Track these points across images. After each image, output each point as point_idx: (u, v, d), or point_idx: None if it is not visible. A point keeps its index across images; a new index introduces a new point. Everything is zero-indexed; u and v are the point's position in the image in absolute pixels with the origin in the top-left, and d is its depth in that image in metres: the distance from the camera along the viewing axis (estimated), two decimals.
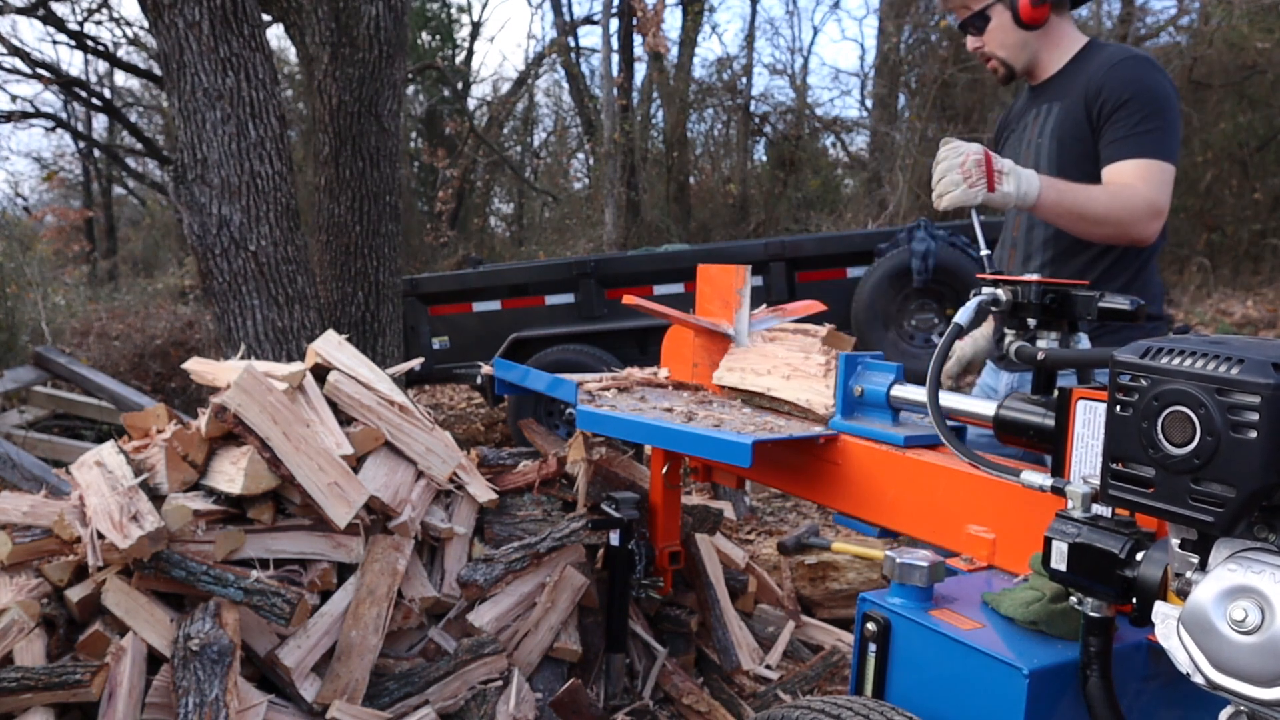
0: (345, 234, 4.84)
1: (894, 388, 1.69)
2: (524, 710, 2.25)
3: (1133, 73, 2.00)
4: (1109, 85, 2.01)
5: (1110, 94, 2.00)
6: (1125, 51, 2.07)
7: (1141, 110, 1.97)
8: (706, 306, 2.32)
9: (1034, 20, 2.12)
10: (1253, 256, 11.59)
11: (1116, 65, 2.03)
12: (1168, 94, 2.01)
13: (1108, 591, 1.07)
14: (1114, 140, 2.00)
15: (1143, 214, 1.95)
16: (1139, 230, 1.96)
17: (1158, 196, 1.95)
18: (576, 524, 2.52)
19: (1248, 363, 0.90)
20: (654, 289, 5.77)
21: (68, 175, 17.95)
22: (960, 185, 1.85)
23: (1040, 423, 1.38)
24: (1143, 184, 1.96)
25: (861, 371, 1.75)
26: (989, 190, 1.84)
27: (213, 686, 1.96)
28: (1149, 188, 1.95)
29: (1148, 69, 2.02)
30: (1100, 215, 1.93)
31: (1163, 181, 1.97)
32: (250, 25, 3.87)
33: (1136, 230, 1.96)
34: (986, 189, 1.84)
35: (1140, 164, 1.97)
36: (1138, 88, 1.99)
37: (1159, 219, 1.97)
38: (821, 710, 1.19)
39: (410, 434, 2.55)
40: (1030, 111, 2.21)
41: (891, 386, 1.70)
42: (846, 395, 1.75)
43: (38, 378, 6.22)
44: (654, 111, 14.39)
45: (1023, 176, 1.89)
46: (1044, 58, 2.19)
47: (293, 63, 12.98)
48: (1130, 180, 1.97)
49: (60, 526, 2.27)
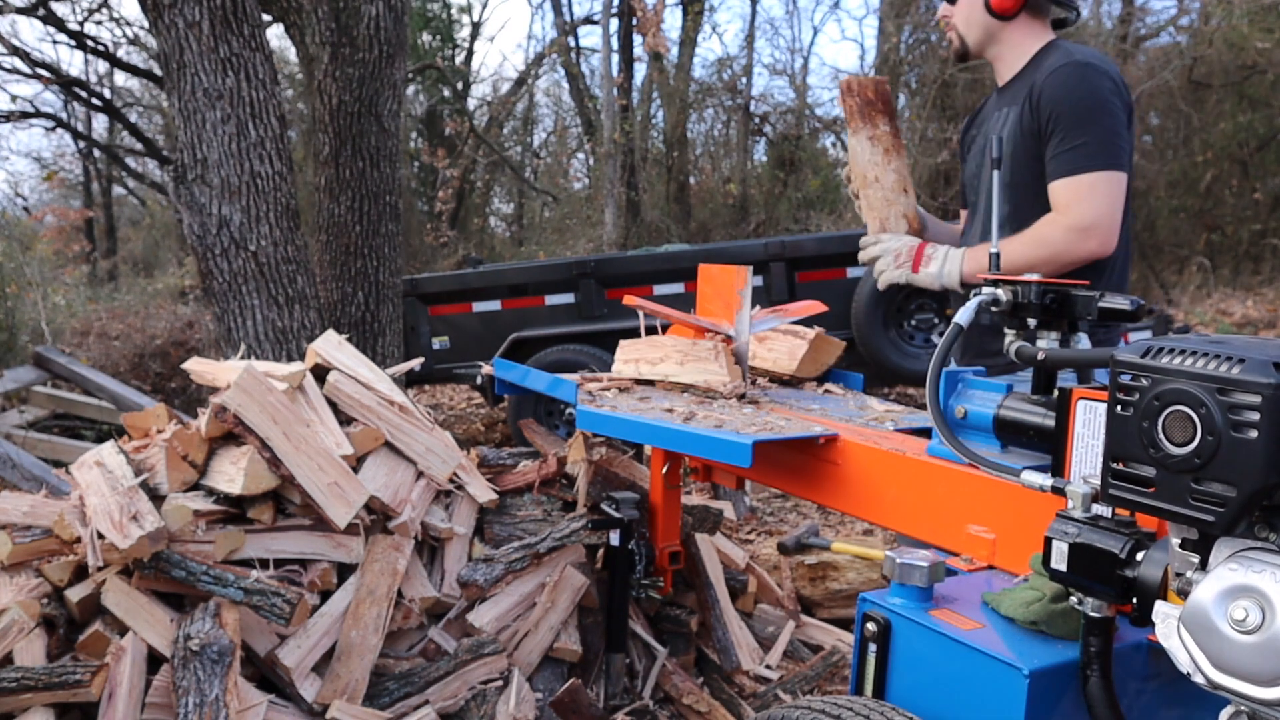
0: (345, 234, 4.84)
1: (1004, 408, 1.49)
2: (524, 710, 2.25)
3: (1062, 83, 1.98)
4: (1044, 97, 2.00)
5: (1047, 104, 2.00)
6: (1065, 57, 2.03)
7: (1069, 124, 1.96)
8: (707, 306, 2.32)
9: (1002, 10, 2.11)
10: (1253, 256, 11.59)
11: (1051, 75, 2.01)
12: (1097, 100, 1.96)
13: (1108, 591, 1.07)
14: (1050, 158, 2.00)
15: (1069, 242, 1.95)
16: (1074, 255, 1.97)
17: (1085, 214, 1.94)
18: (576, 524, 2.52)
19: (1248, 362, 0.90)
20: (654, 289, 5.77)
21: (68, 175, 17.95)
22: (890, 266, 2.15)
23: (1040, 423, 1.38)
24: (1069, 205, 1.95)
25: (964, 390, 1.54)
26: (913, 271, 2.13)
27: (213, 686, 1.96)
28: (1075, 208, 1.95)
29: (1078, 77, 1.98)
30: (1026, 265, 1.94)
31: (1093, 194, 1.94)
32: (250, 25, 3.87)
33: (1072, 256, 1.97)
34: (911, 270, 2.14)
35: (1068, 183, 1.96)
36: (1066, 100, 1.97)
37: (1092, 235, 1.95)
38: (821, 710, 1.19)
39: (410, 434, 2.55)
40: (994, 115, 2.21)
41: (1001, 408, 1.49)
42: (949, 417, 1.52)
43: (38, 378, 6.22)
44: (654, 111, 14.39)
45: (948, 260, 2.09)
46: (1007, 55, 2.17)
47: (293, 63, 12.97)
48: (1060, 202, 1.97)
49: (60, 526, 2.27)
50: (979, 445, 1.48)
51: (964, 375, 1.57)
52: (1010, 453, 1.48)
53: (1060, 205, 1.97)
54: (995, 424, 1.46)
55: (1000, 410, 1.45)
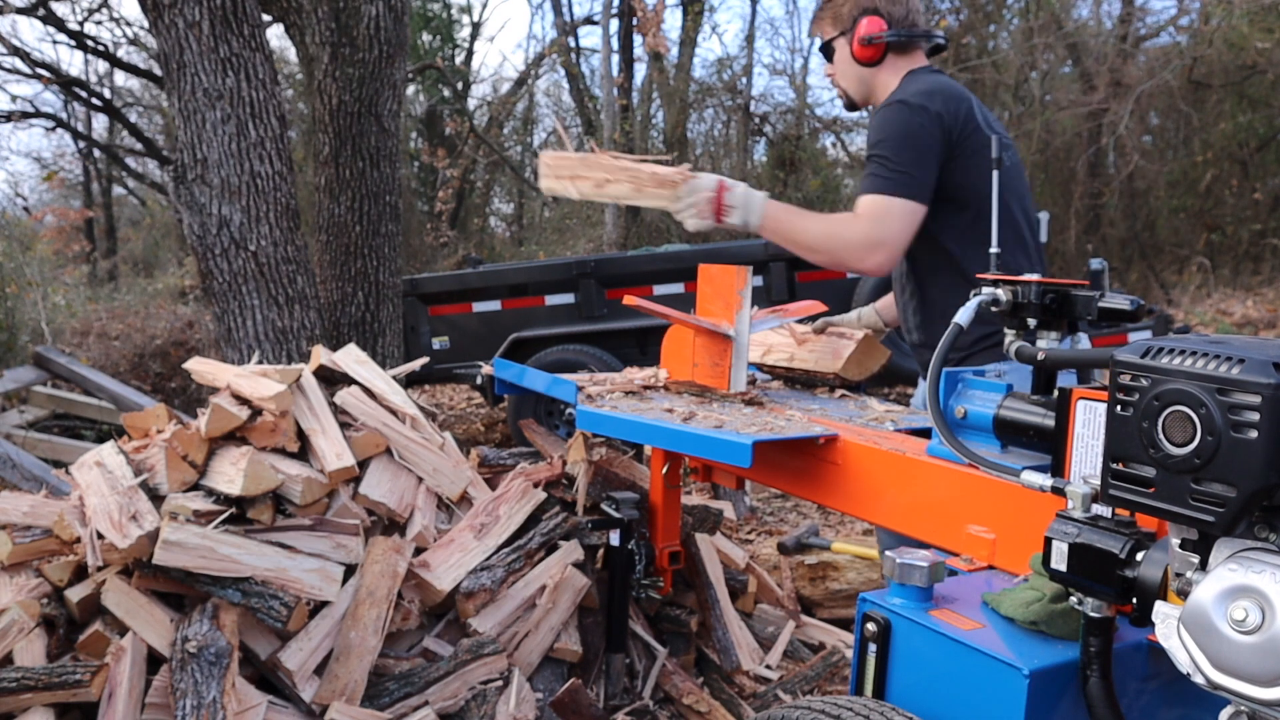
0: (345, 234, 4.84)
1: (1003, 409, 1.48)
2: (524, 710, 2.24)
3: (876, 124, 2.10)
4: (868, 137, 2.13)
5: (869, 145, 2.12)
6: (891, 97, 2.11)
7: (876, 152, 2.07)
8: (707, 306, 2.32)
9: (864, 59, 2.21)
10: (1253, 256, 11.59)
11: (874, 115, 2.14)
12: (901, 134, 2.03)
13: (1108, 591, 1.07)
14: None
15: (857, 246, 2.03)
16: (853, 260, 2.05)
17: (874, 230, 2.02)
18: (557, 519, 2.57)
19: (1248, 362, 0.90)
20: (654, 289, 5.77)
21: (68, 175, 17.94)
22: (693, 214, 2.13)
23: (1040, 423, 1.38)
24: (870, 220, 2.03)
25: (963, 390, 1.54)
26: (717, 220, 2.13)
27: (210, 688, 1.96)
28: (875, 224, 2.02)
29: (885, 115, 2.08)
30: (811, 243, 2.08)
31: (880, 216, 2.02)
32: (250, 25, 3.87)
33: (851, 260, 2.05)
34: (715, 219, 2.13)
35: (869, 199, 2.04)
36: (875, 135, 2.08)
37: (878, 250, 2.02)
38: (821, 710, 1.19)
39: (418, 454, 2.58)
40: None
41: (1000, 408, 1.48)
42: (949, 417, 1.52)
43: (38, 378, 6.22)
44: (654, 111, 14.39)
45: (751, 206, 2.10)
46: (879, 97, 2.24)
47: (293, 63, 12.97)
48: (863, 212, 2.04)
49: (60, 526, 2.27)
50: (979, 445, 1.47)
51: (964, 375, 1.57)
52: (1010, 453, 1.48)
53: (863, 216, 2.04)
54: (995, 424, 1.46)
55: (1000, 410, 1.45)
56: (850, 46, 2.21)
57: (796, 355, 2.42)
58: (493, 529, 2.51)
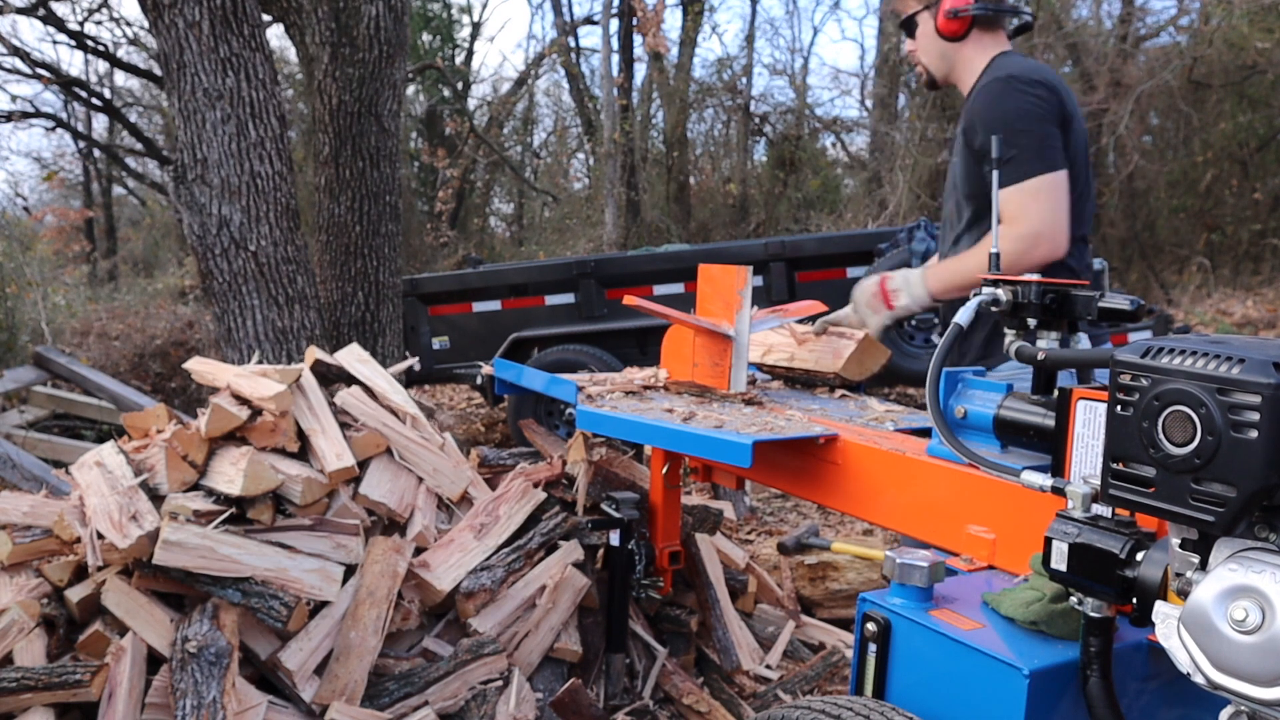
0: (345, 234, 4.84)
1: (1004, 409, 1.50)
2: (524, 710, 2.24)
3: (984, 102, 2.06)
4: (970, 115, 2.09)
5: (976, 124, 2.07)
6: (991, 74, 2.09)
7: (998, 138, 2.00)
8: (707, 306, 2.32)
9: (950, 33, 2.18)
10: (1253, 256, 11.60)
11: (978, 94, 2.10)
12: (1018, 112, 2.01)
13: (1108, 591, 1.07)
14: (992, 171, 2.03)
15: (1019, 251, 1.99)
16: (1030, 262, 2.01)
17: (1030, 223, 1.99)
18: (557, 519, 2.57)
19: (1248, 362, 0.90)
20: (654, 289, 5.77)
21: (68, 175, 17.94)
22: (872, 316, 2.24)
23: (1040, 423, 1.38)
24: (1014, 216, 1.99)
25: (963, 389, 1.55)
26: (889, 309, 2.21)
27: (210, 688, 1.96)
28: (1020, 219, 1.99)
29: (995, 93, 2.04)
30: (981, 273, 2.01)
31: (1038, 202, 1.99)
32: (250, 25, 3.87)
33: (1028, 263, 2.01)
34: (887, 310, 2.21)
35: (1009, 194, 2.00)
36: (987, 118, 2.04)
37: (1040, 242, 1.99)
38: (821, 710, 1.19)
39: (419, 455, 2.57)
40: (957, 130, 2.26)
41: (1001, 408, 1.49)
42: (949, 417, 1.54)
43: (38, 378, 6.22)
44: (654, 111, 14.40)
45: (912, 284, 2.17)
46: (962, 75, 2.22)
47: (293, 63, 12.97)
48: (1007, 213, 2.00)
49: (60, 526, 2.27)
50: (979, 445, 1.47)
51: (964, 375, 1.58)
52: (1010, 453, 1.49)
53: (1008, 216, 2.00)
54: (995, 424, 1.46)
55: (1000, 410, 1.45)
56: (935, 20, 2.18)
57: (796, 355, 2.43)
58: (493, 529, 2.51)
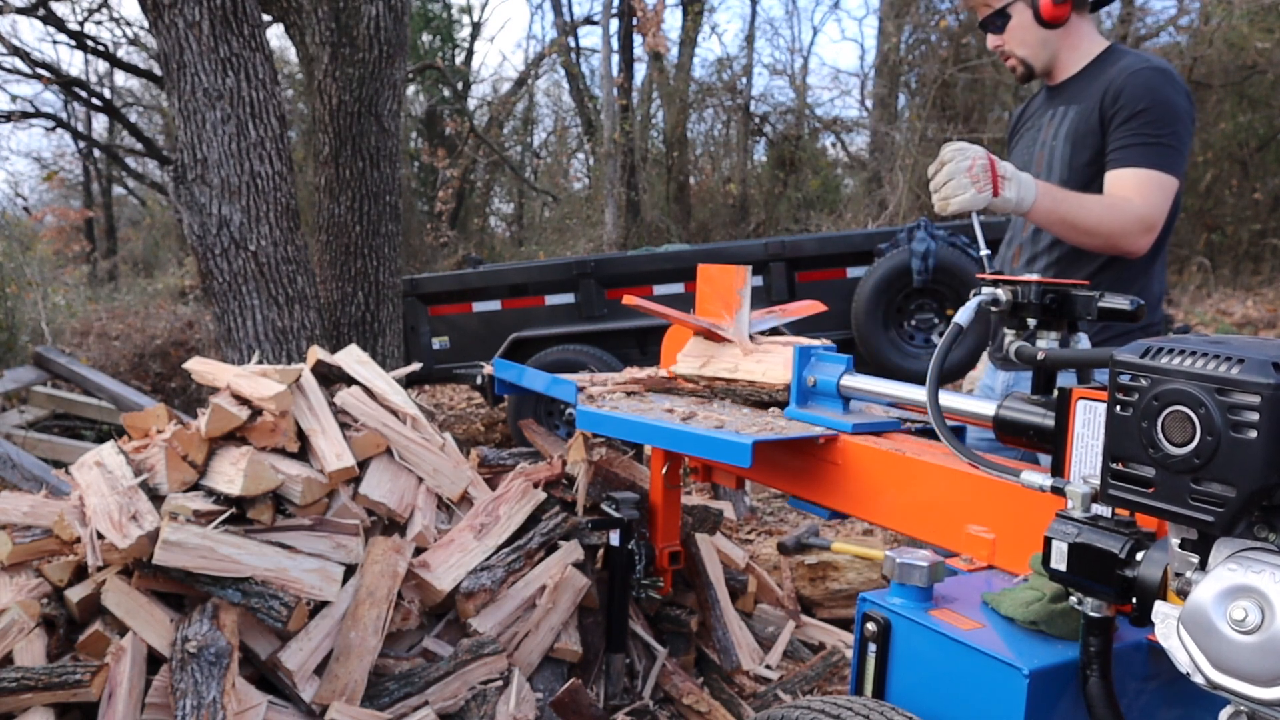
0: (345, 234, 4.84)
1: (844, 378, 1.80)
2: (524, 710, 2.24)
3: (1151, 83, 2.00)
4: (1126, 92, 2.01)
5: (1126, 101, 2.00)
6: (1147, 61, 2.06)
7: (1152, 121, 1.97)
8: (706, 306, 2.32)
9: (1055, 18, 2.12)
10: (1253, 256, 11.60)
11: (1136, 73, 2.02)
12: (1182, 109, 2.00)
13: (1108, 591, 1.07)
14: (1120, 148, 2.00)
15: (1134, 228, 1.96)
16: (1128, 244, 1.98)
17: (1151, 211, 1.96)
18: (557, 519, 2.57)
19: (1248, 362, 0.90)
20: (654, 289, 5.77)
21: (68, 175, 17.94)
22: (969, 189, 1.87)
23: (1040, 423, 1.38)
24: (1139, 197, 1.96)
25: (815, 363, 1.87)
26: (994, 195, 1.89)
27: (210, 688, 1.96)
28: (1144, 201, 1.96)
29: (1167, 82, 2.01)
30: (1091, 226, 1.95)
31: (1161, 195, 1.97)
32: (250, 25, 3.87)
33: (1126, 243, 1.98)
34: (992, 193, 1.88)
35: (1141, 174, 1.97)
36: (1154, 99, 1.98)
37: (1150, 233, 1.98)
38: (821, 710, 1.19)
39: (419, 455, 2.57)
40: (1046, 113, 2.20)
41: (842, 376, 1.81)
42: (800, 385, 1.87)
43: (38, 378, 6.22)
44: (654, 111, 14.40)
45: (1023, 182, 1.93)
46: (1063, 58, 2.18)
47: (293, 63, 12.97)
48: (1128, 192, 1.97)
49: (60, 526, 2.27)
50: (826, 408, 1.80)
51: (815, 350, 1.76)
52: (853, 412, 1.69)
53: (1132, 193, 1.96)
54: (995, 424, 1.46)
55: (1000, 410, 1.45)
56: (1034, 9, 2.13)
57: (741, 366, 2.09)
58: (493, 529, 2.51)
